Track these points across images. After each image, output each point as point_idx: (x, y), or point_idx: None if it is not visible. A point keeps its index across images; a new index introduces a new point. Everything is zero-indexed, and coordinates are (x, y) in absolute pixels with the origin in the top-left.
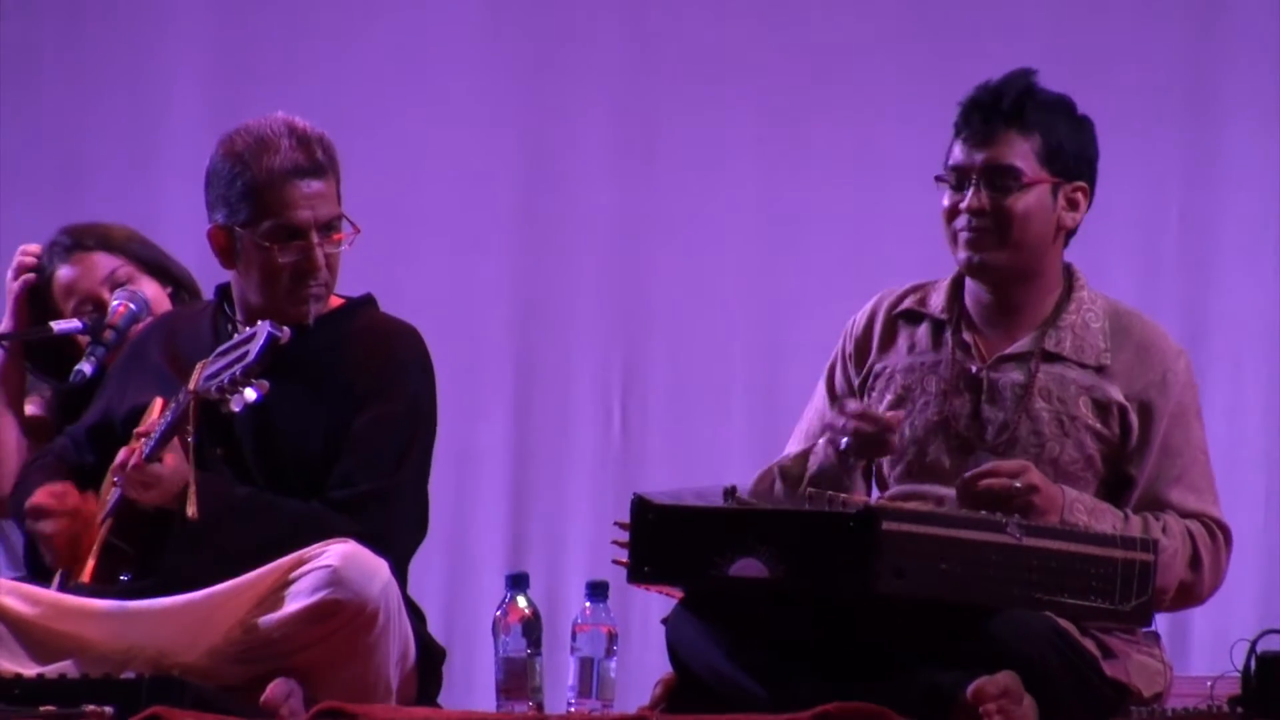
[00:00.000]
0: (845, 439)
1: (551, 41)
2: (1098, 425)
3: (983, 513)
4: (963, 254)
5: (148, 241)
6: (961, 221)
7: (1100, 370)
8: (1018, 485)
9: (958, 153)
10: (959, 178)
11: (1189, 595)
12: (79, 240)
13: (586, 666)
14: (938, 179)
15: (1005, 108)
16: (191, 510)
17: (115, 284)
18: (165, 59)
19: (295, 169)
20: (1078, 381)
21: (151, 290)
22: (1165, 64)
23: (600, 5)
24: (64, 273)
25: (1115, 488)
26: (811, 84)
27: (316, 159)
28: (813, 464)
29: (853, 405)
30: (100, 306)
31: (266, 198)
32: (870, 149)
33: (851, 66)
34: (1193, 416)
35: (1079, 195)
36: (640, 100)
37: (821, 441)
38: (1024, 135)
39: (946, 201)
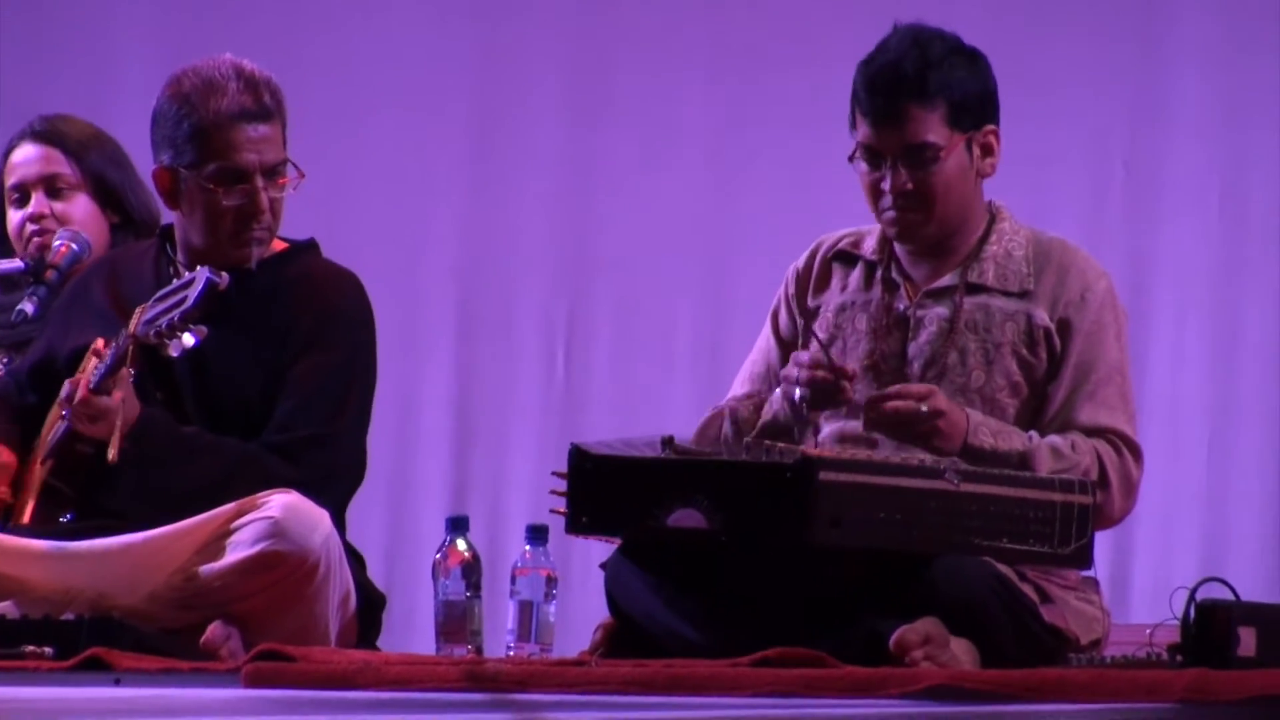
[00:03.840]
0: (799, 389)
1: None
2: (1023, 351)
3: (919, 459)
4: (891, 230)
5: (122, 166)
6: (887, 201)
7: (1024, 295)
8: (923, 409)
9: (867, 132)
10: (873, 156)
11: (1099, 515)
12: (44, 131)
13: (526, 610)
14: (851, 158)
15: (906, 85)
16: (112, 454)
17: (51, 188)
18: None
19: (242, 112)
20: (1003, 309)
21: (81, 211)
22: (1110, 10)
23: None
24: (16, 152)
25: (1037, 409)
26: (762, 31)
27: (264, 102)
28: (766, 413)
29: (806, 355)
30: (25, 197)
31: (212, 140)
32: (820, 97)
33: (802, 13)
34: (1111, 335)
35: (991, 139)
36: (591, 45)
37: (777, 392)
38: (929, 107)
39: (867, 178)
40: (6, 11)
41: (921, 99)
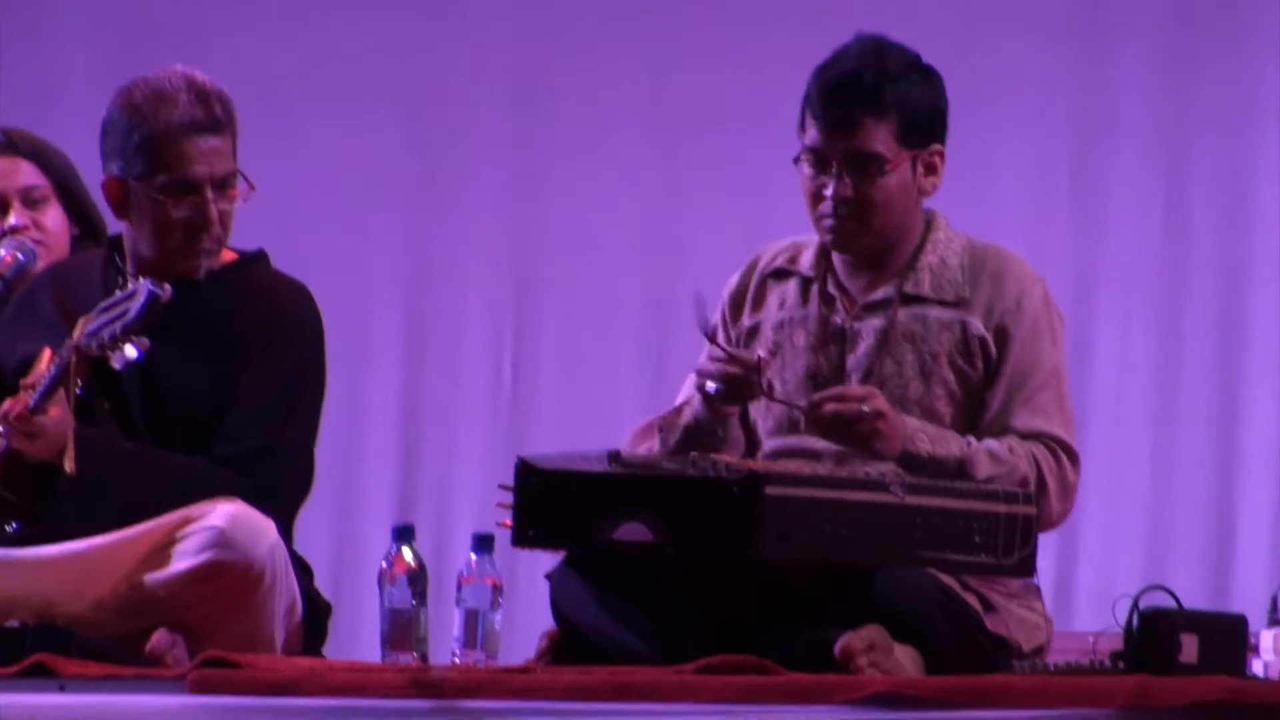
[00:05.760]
0: (712, 384)
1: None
2: (960, 362)
3: (865, 472)
4: (826, 237)
5: (79, 176)
6: (826, 207)
7: (960, 303)
8: (865, 410)
9: (815, 135)
10: (819, 159)
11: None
12: (13, 141)
13: (471, 619)
14: (796, 160)
15: (862, 95)
16: (69, 466)
17: (28, 199)
18: (62, 11)
19: (193, 124)
20: (939, 318)
21: (55, 221)
22: (1059, 25)
23: None
24: None
25: (974, 415)
26: (704, 40)
27: (214, 114)
28: (687, 415)
29: (717, 349)
30: (4, 209)
31: (163, 151)
32: (763, 105)
33: (744, 23)
34: (1047, 341)
35: (935, 159)
36: (534, 56)
37: (695, 394)
38: (882, 119)
39: (809, 182)
40: None
41: (875, 110)
